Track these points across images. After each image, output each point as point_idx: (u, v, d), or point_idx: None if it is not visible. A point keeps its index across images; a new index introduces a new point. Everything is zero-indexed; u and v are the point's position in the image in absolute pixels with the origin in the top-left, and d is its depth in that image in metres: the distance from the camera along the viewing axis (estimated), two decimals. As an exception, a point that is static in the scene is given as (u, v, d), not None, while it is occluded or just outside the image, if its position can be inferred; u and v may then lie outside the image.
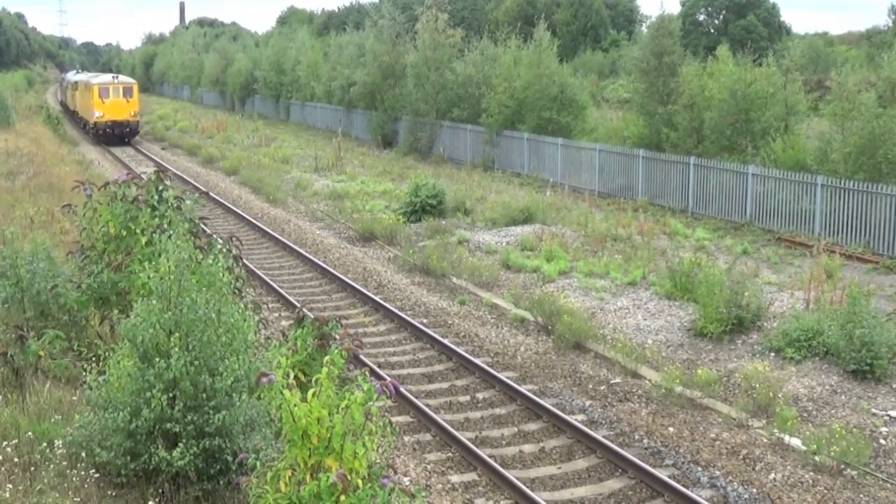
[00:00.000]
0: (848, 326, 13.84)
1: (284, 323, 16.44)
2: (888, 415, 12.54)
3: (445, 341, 15.76)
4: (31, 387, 9.91)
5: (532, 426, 12.71)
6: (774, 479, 11.07)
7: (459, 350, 15.33)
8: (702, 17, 67.23)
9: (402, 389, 12.87)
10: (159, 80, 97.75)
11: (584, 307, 17.32)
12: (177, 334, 7.88)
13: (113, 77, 51.16)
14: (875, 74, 24.78)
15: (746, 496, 10.65)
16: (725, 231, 23.70)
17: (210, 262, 8.38)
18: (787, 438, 11.99)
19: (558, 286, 18.82)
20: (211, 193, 31.22)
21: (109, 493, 7.91)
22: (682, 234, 22.87)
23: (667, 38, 29.47)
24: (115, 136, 46.92)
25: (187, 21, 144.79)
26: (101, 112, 47.31)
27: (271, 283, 19.42)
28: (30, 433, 8.62)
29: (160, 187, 11.23)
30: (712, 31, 65.63)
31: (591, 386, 14.19)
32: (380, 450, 6.79)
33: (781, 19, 67.40)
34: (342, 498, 6.10)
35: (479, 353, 15.55)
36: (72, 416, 8.91)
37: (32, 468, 8.09)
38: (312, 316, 9.80)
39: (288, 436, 6.21)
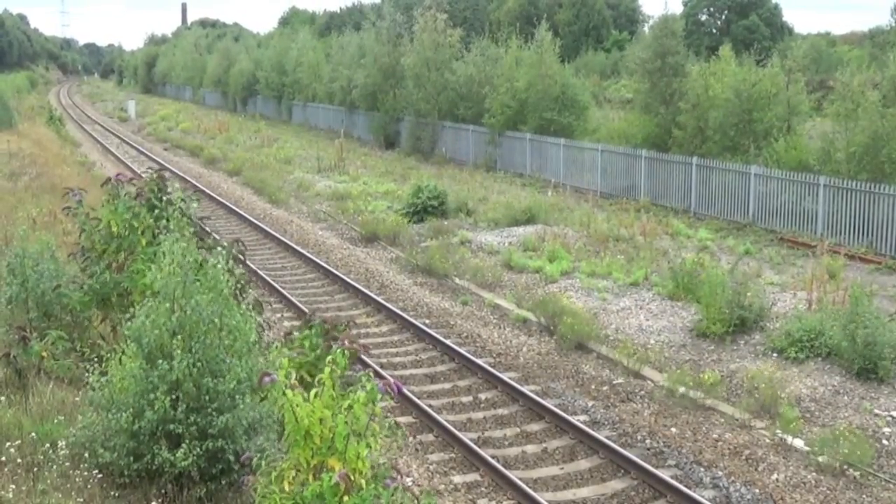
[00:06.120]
0: (850, 327, 13.81)
1: (287, 324, 16.45)
2: (891, 415, 12.53)
3: (448, 342, 15.75)
4: (34, 388, 9.91)
5: (535, 427, 12.70)
6: (777, 479, 11.06)
7: (462, 351, 15.32)
8: (704, 18, 67.18)
9: (404, 390, 12.86)
10: (161, 81, 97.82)
11: (586, 308, 17.30)
12: (180, 336, 7.89)
13: None
14: (879, 74, 24.75)
15: (749, 497, 10.64)
16: (728, 231, 23.68)
17: (213, 263, 8.38)
18: (789, 439, 11.98)
19: (560, 287, 18.81)
20: (213, 194, 31.25)
21: (112, 493, 7.91)
22: (684, 235, 22.86)
23: (670, 39, 29.48)
24: None
25: (189, 22, 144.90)
26: None
27: (274, 283, 19.42)
28: (33, 434, 8.62)
29: (162, 187, 11.23)
30: (714, 31, 65.59)
31: (593, 386, 14.18)
32: (385, 451, 6.78)
33: (784, 19, 67.37)
34: (345, 498, 6.10)
35: (481, 354, 15.54)
36: (74, 416, 8.91)
37: (35, 469, 8.09)
38: (319, 319, 9.78)
39: (291, 436, 6.21)
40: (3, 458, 8.04)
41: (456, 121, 38.57)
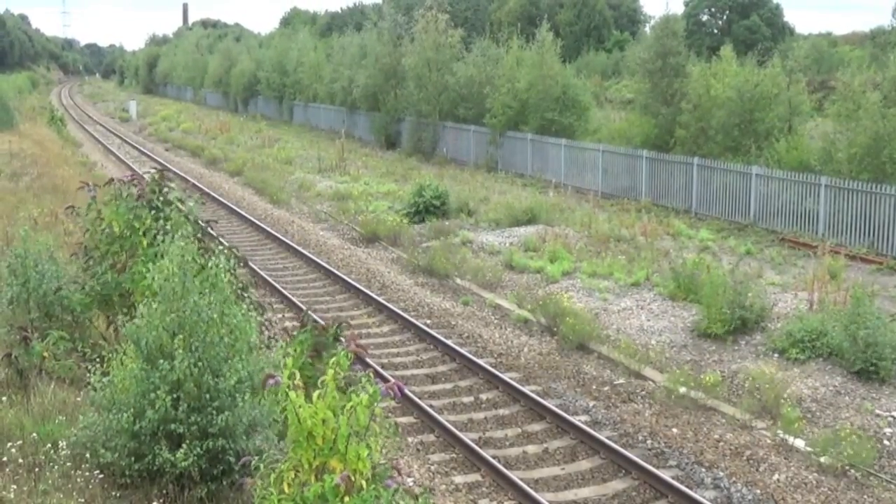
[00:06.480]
0: (852, 327, 13.81)
1: (288, 324, 16.46)
2: (892, 416, 12.52)
3: (449, 342, 15.75)
4: (36, 388, 9.93)
5: (535, 427, 12.70)
6: (778, 480, 11.06)
7: (463, 351, 15.32)
8: (705, 18, 67.17)
9: (406, 391, 12.86)
10: (163, 82, 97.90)
11: (587, 308, 17.30)
12: (180, 336, 7.89)
13: None
14: (880, 74, 24.74)
15: (750, 497, 10.64)
16: (729, 232, 23.68)
17: (214, 264, 8.38)
18: (791, 439, 11.98)
19: (562, 287, 18.80)
20: (214, 194, 31.27)
21: (114, 493, 7.92)
22: (685, 235, 22.85)
23: (671, 39, 29.47)
24: None
25: (191, 22, 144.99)
26: None
27: (275, 284, 19.42)
28: (34, 434, 8.63)
29: (163, 188, 11.23)
30: (715, 31, 65.58)
31: (594, 387, 14.18)
32: (384, 451, 6.78)
33: (785, 19, 67.34)
34: (346, 499, 6.09)
35: (482, 354, 15.54)
36: (76, 417, 8.92)
37: (37, 469, 8.10)
38: (317, 319, 9.76)
39: (293, 437, 6.20)
40: (5, 459, 8.05)
41: (457, 121, 38.58)
